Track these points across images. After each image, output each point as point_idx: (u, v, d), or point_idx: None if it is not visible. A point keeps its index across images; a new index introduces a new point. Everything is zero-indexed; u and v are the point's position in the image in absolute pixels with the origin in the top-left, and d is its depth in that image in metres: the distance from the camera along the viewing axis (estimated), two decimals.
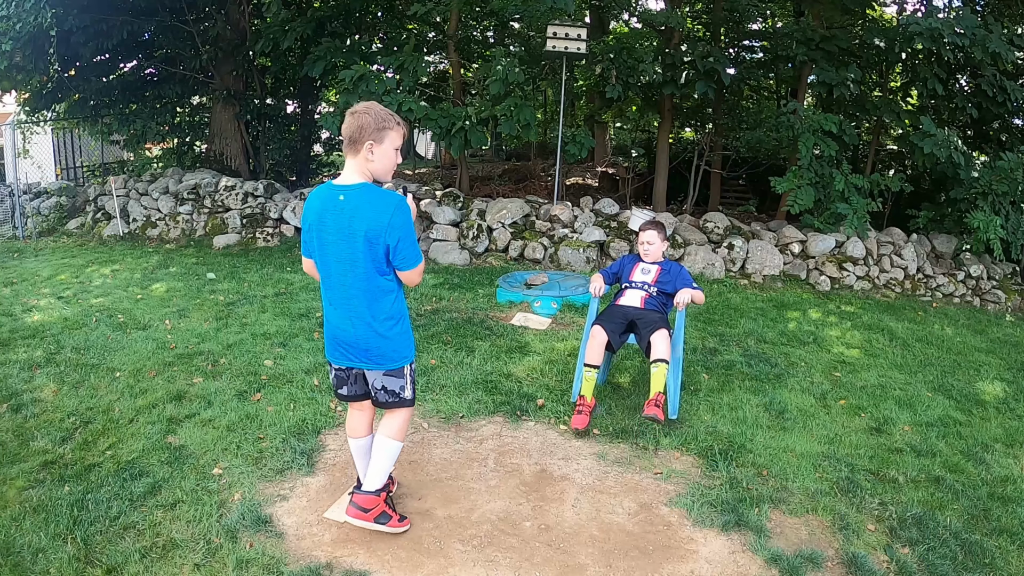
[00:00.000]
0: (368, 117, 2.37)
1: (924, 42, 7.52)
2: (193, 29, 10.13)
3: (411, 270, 2.50)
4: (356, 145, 2.39)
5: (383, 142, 2.40)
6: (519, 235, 7.92)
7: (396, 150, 2.45)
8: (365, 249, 2.40)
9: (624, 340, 3.96)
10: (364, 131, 2.36)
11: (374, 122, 2.37)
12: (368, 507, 2.65)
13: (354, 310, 2.50)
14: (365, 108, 2.40)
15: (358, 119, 2.37)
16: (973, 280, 8.01)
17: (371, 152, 2.39)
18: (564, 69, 8.35)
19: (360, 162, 2.42)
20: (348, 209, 2.39)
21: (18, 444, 3.41)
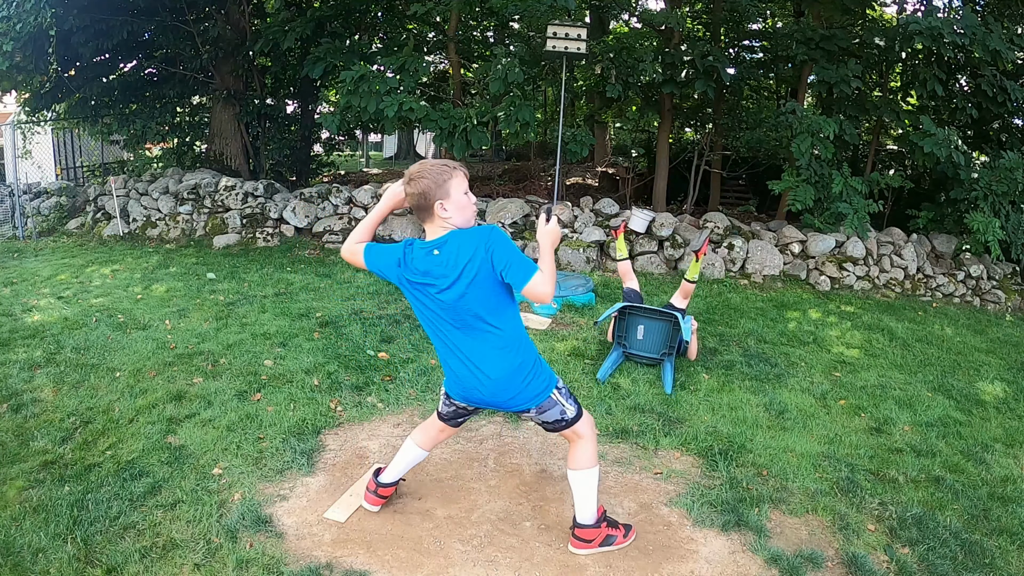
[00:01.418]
0: (426, 180, 2.30)
1: (924, 41, 7.52)
2: (193, 29, 10.13)
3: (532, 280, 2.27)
4: (427, 211, 2.34)
5: (450, 195, 2.32)
6: (519, 235, 7.92)
7: (466, 194, 2.37)
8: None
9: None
10: (428, 196, 2.31)
11: (434, 182, 2.30)
12: (589, 538, 2.66)
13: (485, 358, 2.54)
14: (419, 171, 2.33)
15: (417, 186, 2.31)
16: (973, 280, 8.01)
17: (444, 209, 2.32)
18: (564, 69, 8.35)
19: (439, 224, 2.36)
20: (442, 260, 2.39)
21: (18, 444, 3.41)
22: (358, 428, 3.67)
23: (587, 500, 2.64)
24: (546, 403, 2.51)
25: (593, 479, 2.61)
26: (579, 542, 2.66)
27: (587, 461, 2.59)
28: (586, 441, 2.59)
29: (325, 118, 8.81)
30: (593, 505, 2.65)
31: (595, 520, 2.66)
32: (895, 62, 8.97)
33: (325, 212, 8.65)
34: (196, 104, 12.06)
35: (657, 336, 4.49)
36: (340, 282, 6.71)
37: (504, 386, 2.44)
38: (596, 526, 2.66)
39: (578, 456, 2.59)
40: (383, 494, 2.91)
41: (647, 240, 7.69)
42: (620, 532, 2.71)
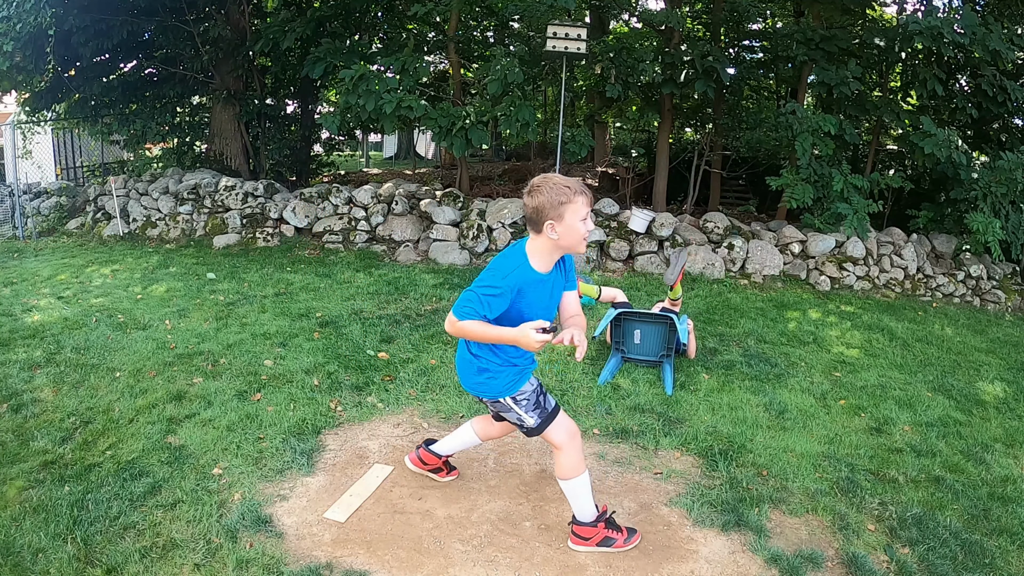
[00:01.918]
0: (543, 197, 2.26)
1: (924, 41, 7.52)
2: (193, 29, 10.13)
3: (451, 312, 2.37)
4: (537, 225, 2.31)
5: (563, 218, 2.26)
6: (519, 235, 7.92)
7: (583, 221, 2.30)
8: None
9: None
10: (541, 212, 2.27)
11: (549, 200, 2.25)
12: (586, 536, 2.68)
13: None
14: (540, 184, 2.29)
15: (535, 199, 2.28)
16: (973, 280, 8.01)
17: (553, 231, 2.28)
18: (564, 69, 8.35)
19: (543, 239, 2.33)
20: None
21: (18, 444, 3.41)
22: (358, 428, 3.67)
23: (581, 503, 2.66)
24: (496, 404, 2.61)
25: (581, 486, 2.63)
26: (577, 539, 2.70)
27: (570, 470, 2.61)
28: (564, 452, 2.60)
29: (325, 118, 8.81)
30: (588, 506, 2.67)
31: (593, 519, 2.68)
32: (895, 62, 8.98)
33: (325, 212, 8.65)
34: (196, 104, 12.06)
35: (654, 339, 4.50)
36: (340, 282, 6.71)
37: (458, 363, 2.65)
38: (593, 525, 2.67)
39: (561, 465, 2.63)
40: (425, 458, 3.11)
41: (647, 240, 7.69)
42: (621, 536, 2.71)
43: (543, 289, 2.42)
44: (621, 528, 2.74)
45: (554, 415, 2.61)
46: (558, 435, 2.60)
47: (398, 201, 8.38)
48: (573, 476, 2.61)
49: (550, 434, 2.60)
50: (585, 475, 2.64)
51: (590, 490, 2.67)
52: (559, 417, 2.62)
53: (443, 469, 3.16)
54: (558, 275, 2.49)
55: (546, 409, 2.61)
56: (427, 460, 3.11)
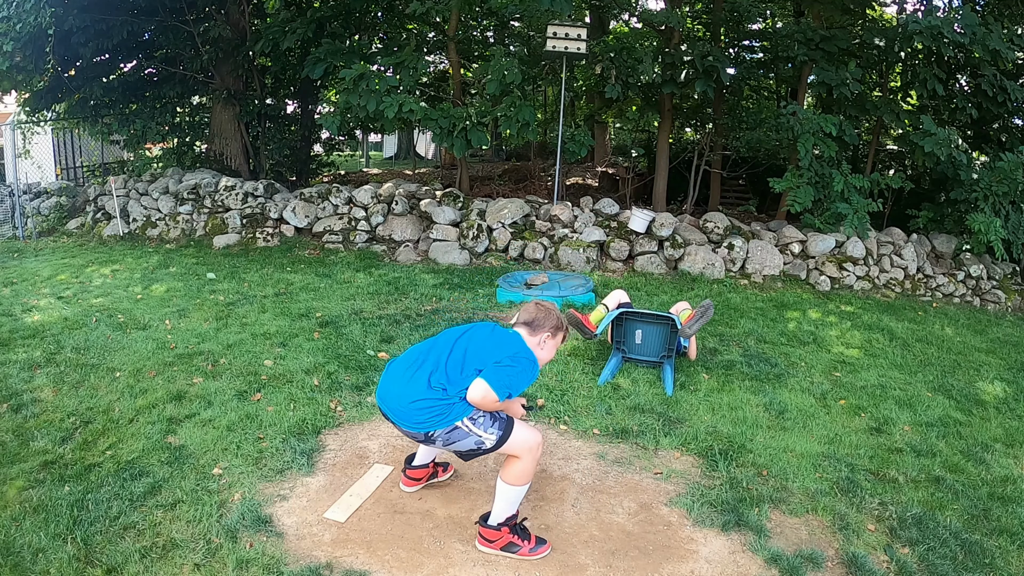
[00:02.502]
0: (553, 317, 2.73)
1: (924, 40, 7.52)
2: (193, 29, 10.13)
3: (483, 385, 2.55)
4: (533, 329, 2.71)
5: (555, 337, 2.75)
6: (519, 235, 7.92)
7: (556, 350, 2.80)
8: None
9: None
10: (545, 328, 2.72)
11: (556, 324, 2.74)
12: (492, 538, 2.67)
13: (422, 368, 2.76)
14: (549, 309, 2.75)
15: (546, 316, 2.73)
16: (973, 280, 8.01)
17: (543, 344, 2.71)
18: (564, 69, 8.35)
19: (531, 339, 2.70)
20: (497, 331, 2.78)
21: (18, 444, 3.41)
22: (358, 428, 3.67)
23: (503, 507, 2.65)
24: (453, 433, 2.55)
25: (517, 495, 2.64)
26: (483, 540, 2.69)
27: (518, 479, 2.61)
28: (522, 461, 2.60)
29: (325, 118, 8.81)
30: (506, 513, 2.65)
31: (499, 523, 2.65)
32: (895, 62, 8.98)
33: (325, 212, 8.65)
34: (196, 104, 12.06)
35: (655, 340, 4.50)
36: (340, 282, 6.71)
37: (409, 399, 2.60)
38: (498, 529, 2.65)
39: (512, 469, 2.62)
40: (413, 475, 3.10)
41: (647, 240, 7.69)
42: (527, 545, 2.66)
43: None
44: (530, 537, 2.70)
45: (512, 425, 2.60)
46: (519, 447, 2.59)
47: (398, 201, 8.38)
48: (518, 484, 2.61)
49: (511, 447, 2.59)
50: (527, 487, 2.65)
51: (519, 503, 2.67)
52: (517, 428, 2.61)
53: (438, 471, 3.15)
54: None
55: (503, 419, 2.61)
56: (419, 476, 3.07)
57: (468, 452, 2.64)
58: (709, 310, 4.45)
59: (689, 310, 4.64)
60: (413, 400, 2.55)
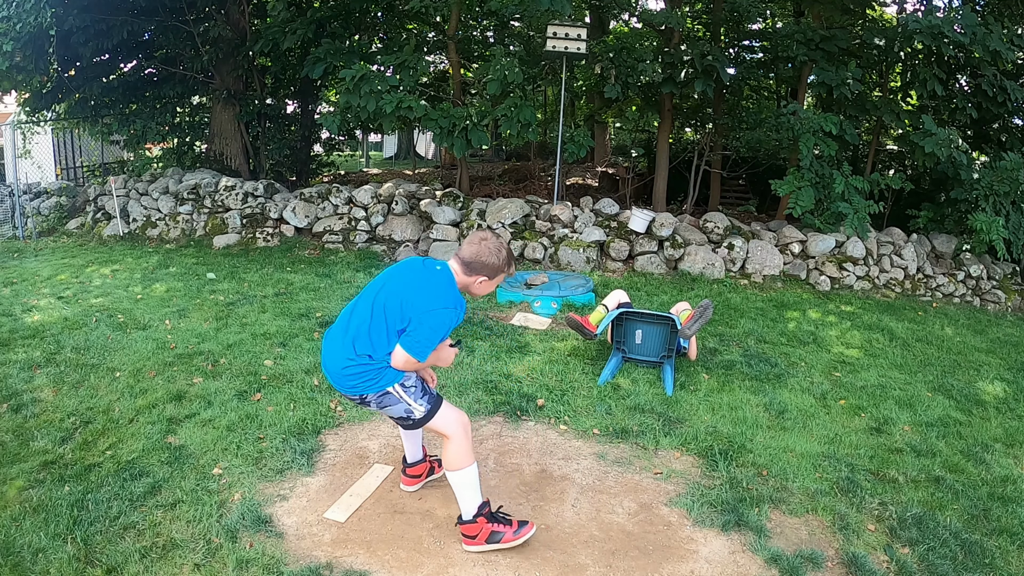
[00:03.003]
0: (496, 261, 2.58)
1: (924, 39, 7.52)
2: (193, 29, 10.13)
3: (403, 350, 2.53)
4: (470, 271, 2.58)
5: (493, 280, 2.63)
6: (519, 235, 7.92)
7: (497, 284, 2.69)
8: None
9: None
10: (488, 269, 2.58)
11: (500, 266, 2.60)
12: (472, 534, 2.66)
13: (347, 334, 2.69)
14: (496, 249, 2.59)
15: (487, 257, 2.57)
16: (973, 280, 8.01)
17: (479, 284, 2.61)
18: (564, 69, 8.35)
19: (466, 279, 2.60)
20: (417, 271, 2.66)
21: (18, 444, 3.41)
22: (358, 428, 3.67)
23: (465, 497, 2.65)
24: (384, 398, 2.57)
25: (467, 478, 2.63)
26: (468, 539, 2.68)
27: (457, 461, 2.61)
28: (453, 441, 2.60)
29: (325, 118, 8.81)
30: (473, 501, 2.65)
31: (473, 515, 2.65)
32: (895, 62, 8.98)
33: (325, 212, 8.65)
34: (196, 104, 12.06)
35: (655, 340, 4.50)
36: (340, 282, 6.71)
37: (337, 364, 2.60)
38: (474, 521, 2.65)
39: (448, 456, 2.63)
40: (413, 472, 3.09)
41: (647, 240, 7.69)
42: (509, 529, 2.66)
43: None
44: (510, 520, 2.70)
45: (440, 402, 2.65)
46: (446, 423, 2.62)
47: (398, 201, 8.38)
48: (461, 467, 2.61)
49: (438, 423, 2.61)
50: (473, 467, 2.64)
51: (478, 483, 2.66)
52: (445, 405, 2.65)
53: (434, 466, 3.15)
54: None
55: (433, 395, 2.65)
56: (417, 472, 3.07)
57: (400, 420, 2.66)
58: (708, 310, 4.45)
59: (689, 310, 4.64)
60: (344, 366, 2.56)
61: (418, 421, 2.61)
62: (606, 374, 4.38)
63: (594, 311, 4.70)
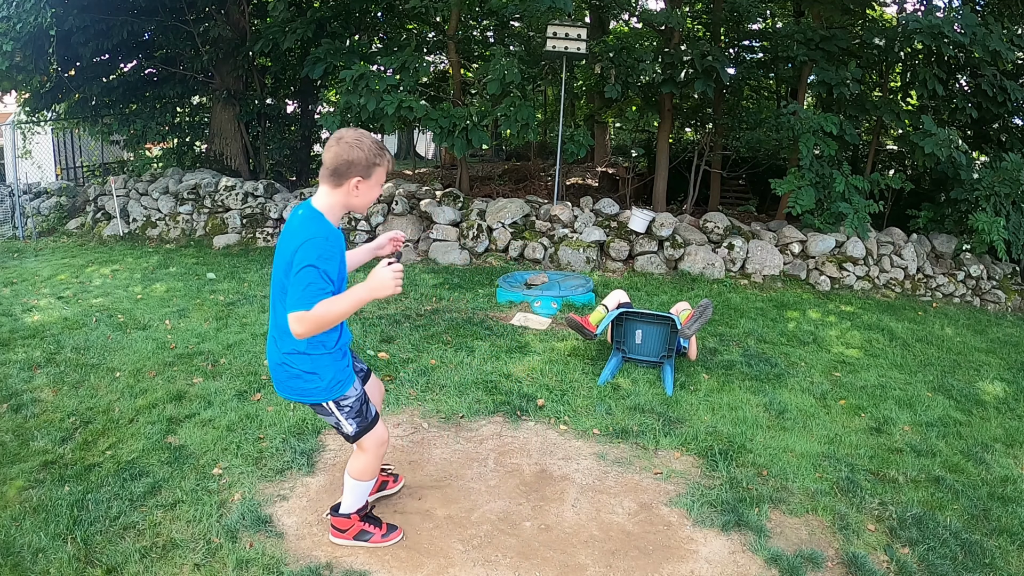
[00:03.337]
0: (360, 152, 2.19)
1: (924, 39, 7.52)
2: (193, 29, 10.14)
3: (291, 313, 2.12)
4: (340, 179, 2.22)
5: (371, 178, 2.25)
6: (519, 235, 7.92)
7: (381, 185, 2.33)
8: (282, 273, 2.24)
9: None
10: (354, 167, 2.20)
11: (366, 159, 2.21)
12: (343, 527, 2.67)
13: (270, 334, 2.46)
14: (356, 140, 2.20)
15: (349, 152, 2.18)
16: (973, 280, 8.01)
17: (357, 188, 2.24)
18: (564, 69, 8.35)
19: (340, 194, 2.25)
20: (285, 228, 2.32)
21: (18, 444, 3.41)
22: None
23: (352, 500, 2.64)
24: (318, 408, 2.46)
25: (362, 488, 2.61)
26: (336, 531, 2.68)
27: (360, 473, 2.57)
28: (367, 456, 2.54)
29: (325, 118, 8.81)
30: (356, 506, 2.65)
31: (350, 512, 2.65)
32: (895, 62, 8.98)
33: None
34: (196, 104, 12.07)
35: (655, 340, 4.50)
36: None
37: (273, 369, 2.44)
38: (348, 516, 2.65)
39: (354, 464, 2.58)
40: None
41: (647, 240, 7.69)
42: (379, 531, 2.68)
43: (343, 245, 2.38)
44: (381, 523, 2.71)
45: (372, 424, 2.52)
46: (368, 442, 2.52)
47: (398, 201, 8.38)
48: (363, 479, 2.59)
49: (362, 441, 2.52)
50: (372, 482, 2.65)
51: (367, 494, 2.67)
52: (376, 427, 2.53)
53: (388, 481, 3.01)
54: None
55: (366, 419, 2.49)
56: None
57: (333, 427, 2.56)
58: (708, 310, 4.45)
59: (689, 310, 4.64)
60: (276, 372, 2.42)
61: (346, 436, 2.50)
62: (606, 374, 4.38)
63: (594, 311, 4.70)
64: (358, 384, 2.49)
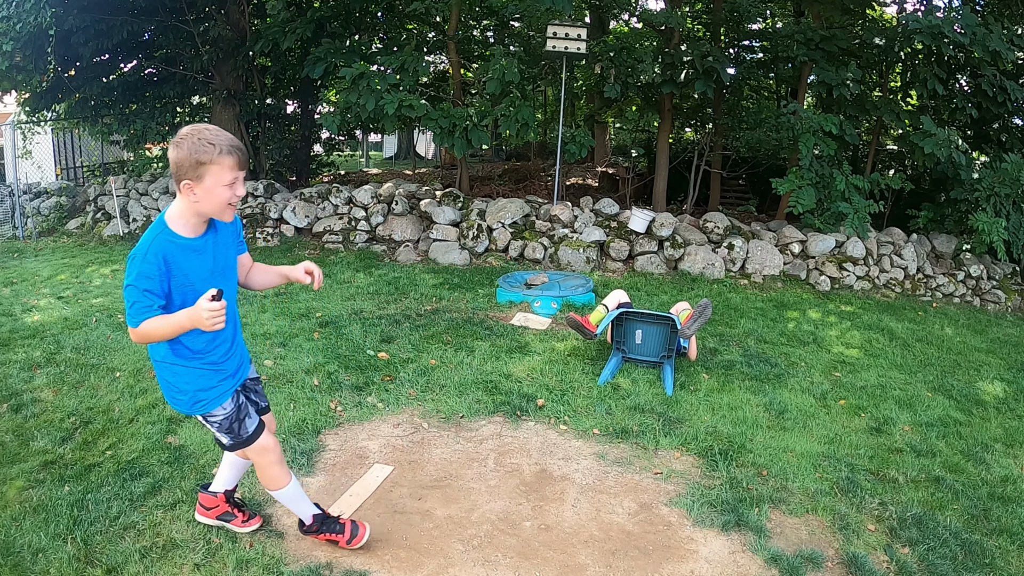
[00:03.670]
0: (181, 152, 1.97)
1: (924, 39, 7.52)
2: (193, 29, 10.13)
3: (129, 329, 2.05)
4: (177, 183, 2.03)
5: (203, 179, 2.00)
6: (519, 235, 7.92)
7: (229, 186, 2.03)
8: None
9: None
10: (180, 169, 1.99)
11: (188, 157, 1.97)
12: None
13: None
14: (184, 136, 1.99)
15: (173, 153, 1.99)
16: (973, 280, 8.01)
17: (193, 192, 2.02)
18: (564, 69, 8.35)
19: (184, 200, 2.06)
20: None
21: (18, 444, 3.41)
22: (358, 428, 3.67)
23: (293, 509, 2.59)
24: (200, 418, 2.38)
25: (286, 498, 2.52)
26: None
27: (268, 483, 2.49)
28: (261, 468, 2.46)
29: (325, 118, 8.82)
30: (304, 512, 2.58)
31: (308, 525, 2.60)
32: (895, 62, 8.98)
33: (325, 212, 8.65)
34: (196, 104, 12.06)
35: (655, 340, 4.50)
36: (340, 282, 6.71)
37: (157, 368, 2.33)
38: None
39: (262, 479, 2.51)
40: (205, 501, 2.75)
41: (647, 240, 7.69)
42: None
43: (200, 258, 2.14)
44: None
45: (249, 440, 2.38)
46: (251, 453, 2.44)
47: (398, 201, 8.38)
48: (276, 488, 2.48)
49: (244, 452, 2.45)
50: (290, 485, 2.49)
51: (299, 496, 2.56)
52: (262, 438, 2.40)
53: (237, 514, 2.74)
54: (221, 237, 2.22)
55: (241, 436, 2.36)
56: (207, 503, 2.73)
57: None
58: (707, 309, 4.45)
59: (689, 310, 4.64)
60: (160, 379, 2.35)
61: (221, 446, 2.45)
62: (606, 374, 4.38)
63: (594, 311, 4.70)
64: (228, 404, 2.33)
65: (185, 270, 2.10)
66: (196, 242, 2.13)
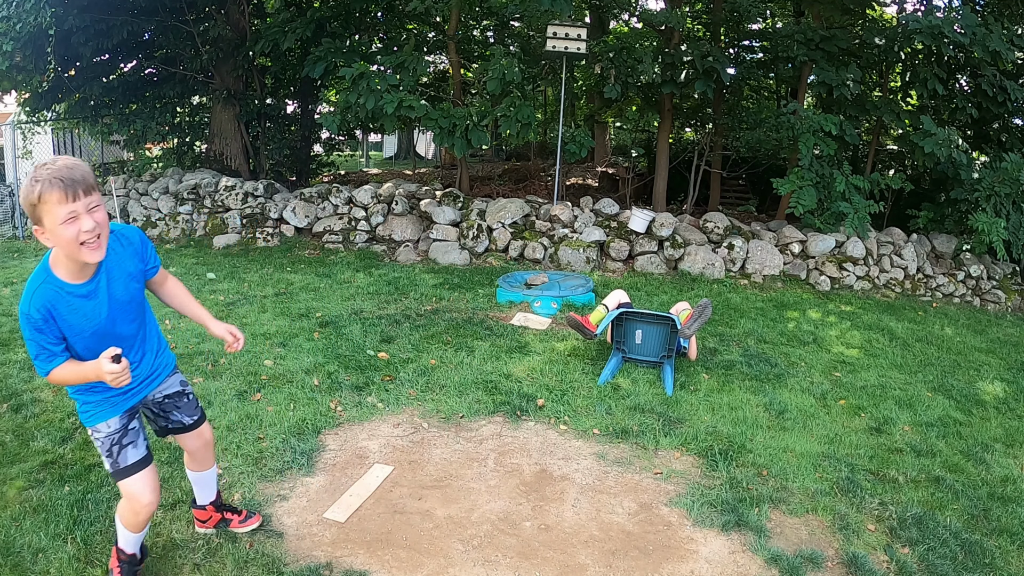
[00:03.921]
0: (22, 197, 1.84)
1: (924, 39, 7.52)
2: (193, 29, 10.13)
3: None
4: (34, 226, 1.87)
5: (43, 222, 1.82)
6: (519, 235, 7.92)
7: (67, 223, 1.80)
8: None
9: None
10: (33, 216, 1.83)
11: (24, 201, 1.83)
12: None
13: None
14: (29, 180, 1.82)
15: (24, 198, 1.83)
16: (973, 280, 8.01)
17: (45, 238, 1.87)
18: (564, 69, 8.35)
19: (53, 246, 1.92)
20: None
21: (18, 444, 3.41)
22: (358, 428, 3.67)
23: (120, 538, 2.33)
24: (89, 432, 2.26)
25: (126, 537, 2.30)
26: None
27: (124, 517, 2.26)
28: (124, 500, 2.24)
29: (325, 118, 8.81)
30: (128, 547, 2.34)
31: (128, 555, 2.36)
32: (895, 62, 8.98)
33: (325, 212, 8.65)
34: (196, 104, 12.06)
35: (655, 340, 4.50)
36: (340, 282, 6.71)
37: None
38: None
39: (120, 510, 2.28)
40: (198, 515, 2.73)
41: (647, 240, 7.69)
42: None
43: (92, 303, 1.99)
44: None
45: (124, 475, 2.18)
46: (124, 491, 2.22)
47: (398, 201, 8.38)
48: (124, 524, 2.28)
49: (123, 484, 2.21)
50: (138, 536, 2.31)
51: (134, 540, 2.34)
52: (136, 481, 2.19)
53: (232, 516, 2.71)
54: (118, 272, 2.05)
55: (119, 464, 2.18)
56: (201, 516, 2.70)
57: None
58: (707, 309, 4.45)
59: (689, 310, 4.64)
60: None
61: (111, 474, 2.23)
62: (606, 374, 4.38)
63: (594, 311, 4.70)
64: (114, 422, 2.19)
65: (71, 322, 1.97)
66: (83, 288, 1.97)
